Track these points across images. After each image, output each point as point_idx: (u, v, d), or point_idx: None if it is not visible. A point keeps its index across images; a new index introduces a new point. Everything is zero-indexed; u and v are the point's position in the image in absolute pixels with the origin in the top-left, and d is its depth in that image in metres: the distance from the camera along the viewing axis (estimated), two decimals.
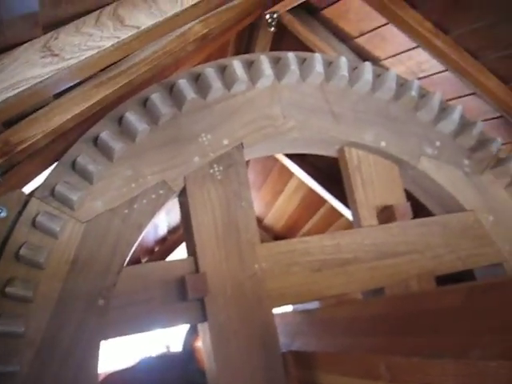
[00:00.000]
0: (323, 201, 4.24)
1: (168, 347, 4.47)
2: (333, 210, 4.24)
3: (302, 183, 4.27)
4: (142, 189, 1.77)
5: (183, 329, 3.87)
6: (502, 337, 0.94)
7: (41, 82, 1.42)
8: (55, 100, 1.72)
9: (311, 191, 4.24)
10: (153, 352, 4.28)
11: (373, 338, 1.33)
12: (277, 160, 4.16)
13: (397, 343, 1.21)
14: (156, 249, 5.36)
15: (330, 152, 2.21)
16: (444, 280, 2.00)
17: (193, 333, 3.77)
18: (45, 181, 1.70)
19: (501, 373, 0.85)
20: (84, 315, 1.61)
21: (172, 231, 5.27)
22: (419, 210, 2.34)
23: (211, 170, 1.86)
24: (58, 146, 1.87)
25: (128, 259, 1.74)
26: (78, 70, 1.52)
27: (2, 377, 1.48)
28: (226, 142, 1.90)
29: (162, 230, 5.12)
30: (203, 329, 1.79)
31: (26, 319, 1.54)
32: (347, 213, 3.95)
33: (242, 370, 1.71)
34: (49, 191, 1.67)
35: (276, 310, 1.83)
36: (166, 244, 5.35)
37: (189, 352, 3.78)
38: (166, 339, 4.59)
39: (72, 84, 1.67)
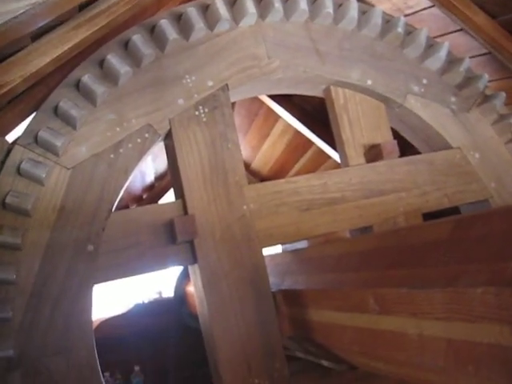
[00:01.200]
0: (310, 143, 4.23)
1: (160, 293, 4.53)
2: (320, 152, 4.23)
3: (288, 126, 4.24)
4: (126, 133, 1.74)
5: (174, 275, 3.93)
6: (489, 265, 0.95)
7: (15, 17, 1.37)
8: (33, 43, 1.66)
9: (298, 134, 4.22)
10: (145, 298, 4.33)
11: (361, 273, 1.35)
12: (262, 103, 4.11)
13: (385, 277, 1.22)
14: (144, 196, 5.35)
15: (316, 92, 2.19)
16: (431, 218, 2.02)
17: (183, 278, 3.83)
18: (27, 128, 1.67)
19: (487, 298, 0.86)
20: (73, 261, 1.61)
21: (159, 178, 5.26)
22: (406, 149, 2.35)
23: (196, 112, 1.84)
24: (38, 93, 1.83)
25: (116, 207, 1.73)
26: (54, 4, 1.47)
27: None
28: (210, 83, 1.87)
29: (149, 177, 5.11)
30: (194, 271, 1.81)
31: (17, 267, 1.54)
32: (334, 154, 3.95)
33: (234, 311, 1.73)
34: (32, 138, 1.64)
35: (265, 251, 1.85)
36: (154, 191, 5.35)
37: (180, 297, 3.85)
38: (157, 285, 4.64)
39: (49, 22, 1.61)
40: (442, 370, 1.07)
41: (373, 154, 2.08)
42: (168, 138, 1.84)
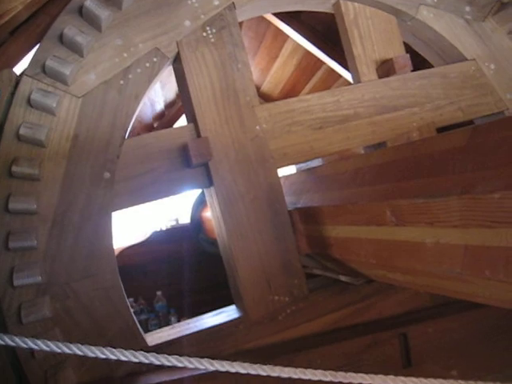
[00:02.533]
0: (320, 63, 4.14)
1: (176, 220, 4.60)
2: (330, 71, 4.15)
3: (297, 46, 4.14)
4: (134, 58, 1.72)
5: (190, 202, 3.97)
6: (506, 171, 0.95)
7: None
8: None
9: (307, 54, 4.13)
10: (162, 226, 4.41)
11: (377, 187, 1.35)
12: (270, 24, 4.00)
13: (401, 188, 1.23)
14: (155, 125, 5.33)
15: (324, 7, 2.12)
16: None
17: (199, 205, 3.87)
18: (33, 57, 1.64)
19: (504, 203, 0.86)
20: (91, 189, 1.63)
21: (169, 105, 5.22)
22: (419, 64, 2.29)
23: (204, 33, 1.80)
24: (41, 22, 1.80)
25: (128, 136, 1.73)
26: None
27: (23, 251, 1.54)
28: (216, 2, 1.82)
29: (159, 105, 5.07)
30: (210, 194, 1.82)
31: (37, 197, 1.56)
32: (345, 73, 3.87)
33: (251, 231, 1.76)
34: (39, 68, 1.62)
35: (280, 172, 1.86)
36: (165, 119, 5.32)
37: (196, 223, 3.90)
38: (174, 213, 4.70)
39: None
40: (459, 277, 1.09)
41: (385, 69, 2.04)
42: (177, 62, 1.81)
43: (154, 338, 1.72)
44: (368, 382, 1.01)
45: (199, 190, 3.75)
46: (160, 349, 1.62)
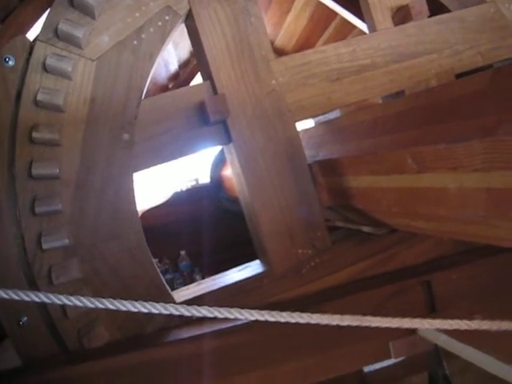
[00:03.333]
0: (334, 14, 4.05)
1: (196, 180, 4.62)
2: (344, 22, 4.06)
3: None
4: (146, 17, 1.70)
5: (209, 161, 3.99)
6: None
7: None
8: None
9: (320, 5, 4.04)
10: (183, 186, 4.43)
11: (397, 135, 1.34)
12: None
13: (422, 135, 1.22)
14: (170, 85, 5.30)
15: None
16: None
17: (218, 164, 3.88)
18: (45, 22, 1.63)
19: None
20: (111, 151, 1.64)
21: (183, 65, 5.18)
22: (436, 9, 2.24)
23: None
24: None
25: (144, 96, 1.73)
26: None
27: (49, 216, 1.56)
28: None
29: (173, 66, 5.03)
30: (229, 151, 1.83)
31: (58, 162, 1.58)
32: (360, 24, 3.80)
33: (272, 186, 1.77)
34: (52, 32, 1.61)
35: (299, 126, 1.85)
36: (179, 79, 5.28)
37: (217, 182, 3.93)
38: (193, 173, 4.72)
39: None
40: (482, 220, 1.09)
41: (401, 15, 2.00)
42: (189, 19, 1.78)
43: (181, 295, 1.75)
44: (396, 326, 1.02)
45: (218, 149, 3.76)
46: (188, 304, 1.65)
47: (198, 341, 1.46)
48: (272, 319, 1.06)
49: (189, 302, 1.67)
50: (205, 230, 3.70)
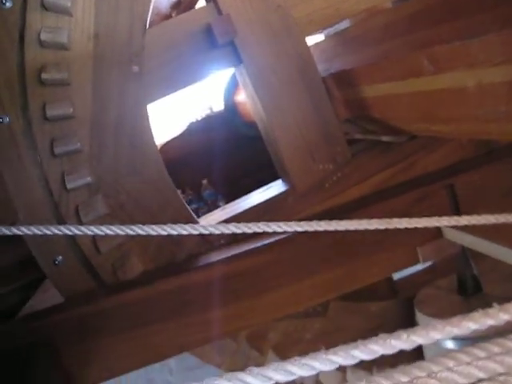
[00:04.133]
0: None
1: (211, 108, 4.57)
2: None
3: None
4: None
5: (222, 88, 3.93)
6: None
7: None
8: None
9: None
10: (197, 116, 4.40)
11: (410, 37, 1.30)
12: None
13: (436, 34, 1.18)
14: (173, 14, 5.17)
15: None
16: None
17: (232, 89, 3.83)
18: None
19: None
20: (122, 85, 1.63)
21: None
22: None
23: None
24: None
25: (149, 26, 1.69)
26: None
27: (68, 156, 1.58)
28: None
29: None
30: (241, 73, 1.80)
31: (71, 101, 1.57)
32: None
33: (288, 104, 1.75)
34: None
35: (309, 40, 1.80)
36: (182, 7, 5.14)
37: (231, 108, 3.89)
38: (207, 102, 4.67)
39: None
40: (503, 116, 1.07)
41: None
42: None
43: (207, 221, 1.78)
44: (423, 225, 1.03)
45: (229, 75, 3.70)
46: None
47: (228, 263, 1.50)
48: (300, 229, 1.08)
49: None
50: (224, 158, 3.70)
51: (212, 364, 1.79)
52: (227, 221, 1.72)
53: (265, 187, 1.89)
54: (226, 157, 3.70)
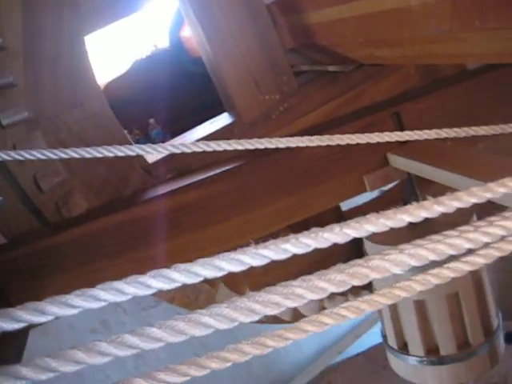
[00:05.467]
0: None
1: (155, 45, 4.43)
2: None
3: None
4: None
5: (166, 24, 3.81)
6: None
7: None
8: None
9: None
10: (142, 54, 4.25)
11: None
12: None
13: None
14: None
15: None
16: None
17: (177, 25, 3.71)
18: None
19: None
20: (57, 14, 1.54)
21: None
22: None
23: None
24: None
25: None
26: None
27: (2, 91, 1.49)
28: None
29: None
30: (184, 4, 1.72)
31: (0, 31, 1.48)
32: None
33: (232, 35, 1.69)
34: None
35: None
36: None
37: (177, 44, 3.78)
38: (151, 39, 4.51)
39: None
40: (447, 36, 1.06)
41: None
42: None
43: (154, 155, 1.74)
44: (375, 140, 1.03)
45: (173, 12, 3.57)
46: (161, 164, 1.65)
47: (174, 196, 1.47)
48: (261, 146, 1.05)
49: (161, 161, 1.66)
50: (171, 96, 3.62)
51: (164, 300, 1.78)
52: (174, 154, 1.68)
53: (211, 120, 1.85)
54: (173, 95, 3.62)
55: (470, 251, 0.49)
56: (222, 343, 0.43)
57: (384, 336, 1.76)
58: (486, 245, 0.47)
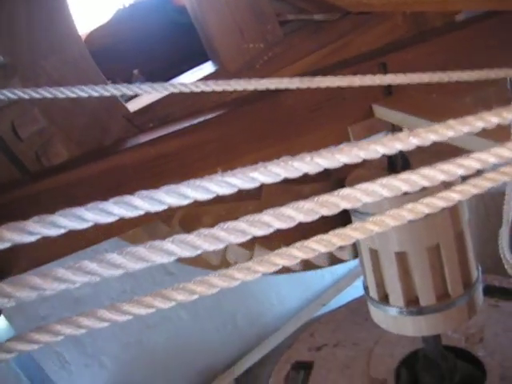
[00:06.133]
0: None
1: None
2: None
3: None
4: None
5: None
6: None
7: None
8: None
9: None
10: (125, 2, 4.14)
11: None
12: None
13: None
14: None
15: None
16: None
17: None
18: None
19: None
20: None
21: None
22: None
23: None
24: None
25: None
26: None
27: None
28: None
29: None
30: None
31: None
32: None
33: None
34: None
35: None
36: None
37: None
38: None
39: None
40: None
41: None
42: None
43: (136, 104, 1.71)
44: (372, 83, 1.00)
45: None
46: (143, 112, 1.62)
47: (157, 144, 1.45)
48: (251, 87, 1.03)
49: (143, 110, 1.64)
50: (155, 46, 3.54)
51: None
52: (157, 103, 1.66)
53: (194, 69, 1.82)
54: (157, 45, 3.54)
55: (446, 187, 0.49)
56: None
57: (366, 288, 1.77)
58: (464, 180, 0.47)
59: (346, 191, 0.43)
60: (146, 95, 1.77)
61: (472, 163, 0.45)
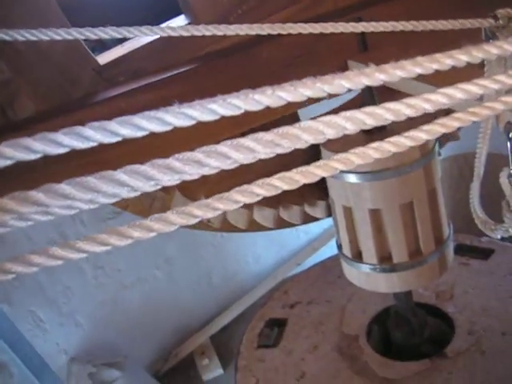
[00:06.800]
0: None
1: None
2: None
3: None
4: None
5: None
6: None
7: None
8: None
9: None
10: None
11: None
12: None
13: None
14: None
15: None
16: None
17: None
18: None
19: None
20: None
21: None
22: None
23: None
24: None
25: None
26: None
27: None
28: None
29: None
30: None
31: None
32: None
33: None
34: None
35: None
36: None
37: None
38: None
39: None
40: None
41: None
42: None
43: (106, 57, 1.65)
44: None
45: None
46: (113, 65, 1.58)
47: (128, 97, 1.41)
48: (231, 32, 0.99)
49: (113, 63, 1.59)
50: (126, 2, 3.44)
51: (118, 207, 1.74)
52: (128, 56, 1.61)
53: (166, 22, 1.76)
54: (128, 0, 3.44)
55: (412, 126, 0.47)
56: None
57: (339, 246, 1.78)
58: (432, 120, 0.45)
59: (307, 123, 0.41)
60: (116, 49, 1.72)
61: (439, 98, 0.44)
